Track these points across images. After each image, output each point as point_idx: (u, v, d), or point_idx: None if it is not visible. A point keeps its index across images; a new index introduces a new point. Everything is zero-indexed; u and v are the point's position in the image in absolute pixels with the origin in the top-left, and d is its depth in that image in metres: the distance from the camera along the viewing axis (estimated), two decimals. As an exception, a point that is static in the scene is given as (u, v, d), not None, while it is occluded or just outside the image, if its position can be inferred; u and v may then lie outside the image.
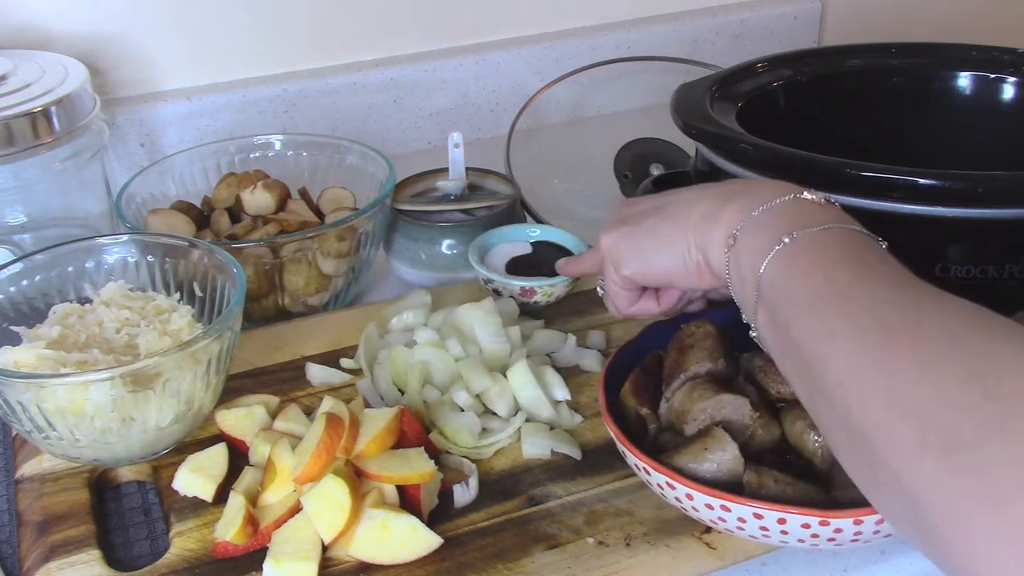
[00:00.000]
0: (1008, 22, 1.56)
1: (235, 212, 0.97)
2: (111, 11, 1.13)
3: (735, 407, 0.65)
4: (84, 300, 0.81)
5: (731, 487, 0.62)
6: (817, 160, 0.74)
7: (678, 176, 0.91)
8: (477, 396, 0.78)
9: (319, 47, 1.25)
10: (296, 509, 0.67)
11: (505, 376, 0.79)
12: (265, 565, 0.64)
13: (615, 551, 0.66)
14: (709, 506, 0.61)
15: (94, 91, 0.99)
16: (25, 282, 0.80)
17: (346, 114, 1.27)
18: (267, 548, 0.65)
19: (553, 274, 0.88)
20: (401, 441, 0.71)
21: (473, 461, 0.74)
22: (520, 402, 0.78)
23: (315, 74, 1.25)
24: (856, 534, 0.60)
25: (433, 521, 0.68)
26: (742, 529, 0.62)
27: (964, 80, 0.93)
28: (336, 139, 1.05)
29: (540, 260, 0.93)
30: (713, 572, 0.65)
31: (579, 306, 0.93)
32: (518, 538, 0.68)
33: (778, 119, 0.90)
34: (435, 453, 0.73)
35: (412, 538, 0.65)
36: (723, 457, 0.63)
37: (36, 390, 0.67)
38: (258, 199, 0.96)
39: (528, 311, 0.90)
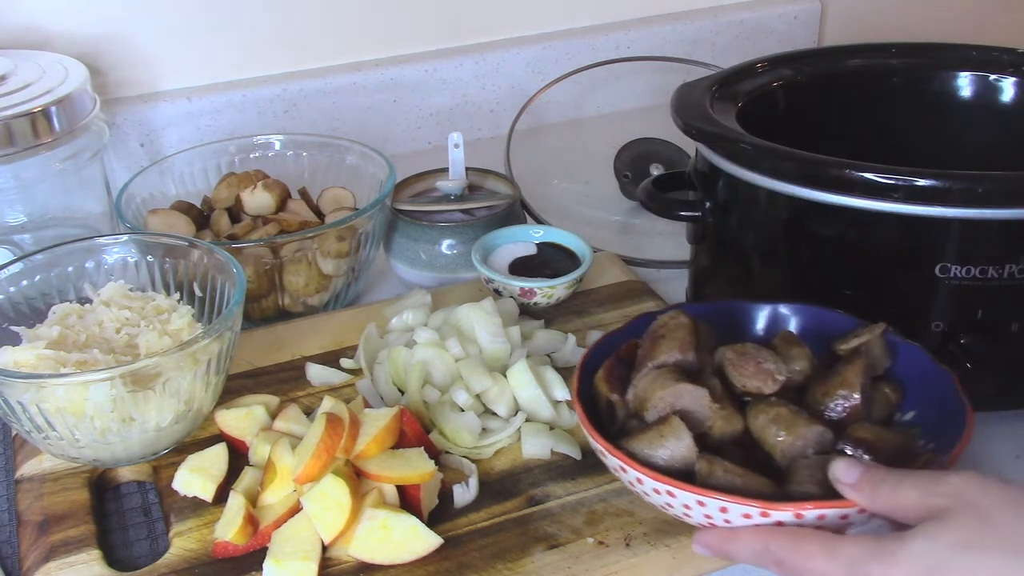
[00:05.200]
0: (1008, 22, 1.56)
1: (235, 212, 0.97)
2: (111, 11, 1.13)
3: (694, 397, 0.66)
4: (84, 300, 0.81)
5: (684, 475, 0.63)
6: (817, 160, 0.74)
7: (678, 176, 0.91)
8: (477, 396, 0.78)
9: (319, 47, 1.25)
10: (296, 509, 0.67)
11: (505, 376, 0.79)
12: (265, 565, 0.64)
13: (615, 551, 0.66)
14: (657, 491, 0.62)
15: (94, 91, 0.99)
16: (25, 282, 0.80)
17: (346, 114, 1.27)
18: (267, 548, 0.65)
19: (555, 275, 0.88)
20: (401, 441, 0.71)
21: (473, 461, 0.74)
22: (520, 402, 0.78)
23: (315, 74, 1.25)
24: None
25: (433, 521, 0.68)
26: (689, 516, 0.62)
27: (964, 80, 0.93)
28: (336, 139, 1.05)
29: (544, 261, 0.93)
30: (713, 572, 0.65)
31: (579, 306, 0.93)
32: (518, 538, 0.68)
33: (778, 119, 0.89)
34: (435, 453, 0.73)
35: (412, 538, 0.65)
36: (677, 445, 0.64)
37: (36, 390, 0.67)
38: (258, 199, 0.96)
39: (529, 312, 0.90)
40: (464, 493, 0.71)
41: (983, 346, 0.73)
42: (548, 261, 0.92)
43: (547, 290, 0.88)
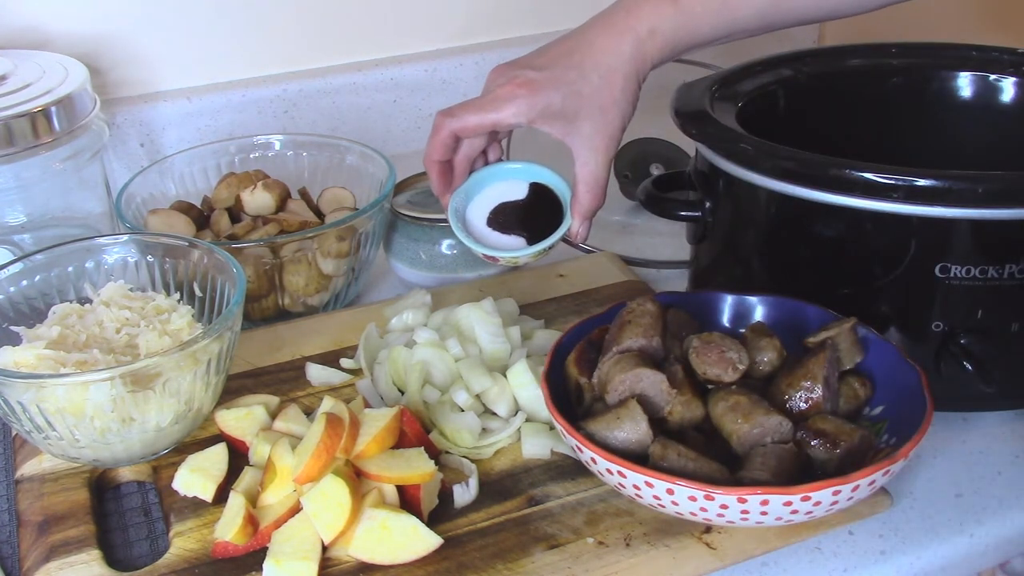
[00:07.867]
0: (1008, 22, 1.56)
1: (235, 212, 0.97)
2: (111, 11, 1.13)
3: (652, 382, 0.68)
4: (84, 300, 0.81)
5: (640, 457, 0.65)
6: (817, 160, 0.74)
7: (678, 176, 0.91)
8: (477, 396, 0.78)
9: (319, 47, 1.25)
10: (296, 509, 0.67)
11: (505, 376, 0.79)
12: (265, 565, 0.64)
13: (615, 551, 0.66)
14: (609, 471, 0.64)
15: (94, 91, 0.99)
16: (25, 282, 0.80)
17: (346, 114, 1.27)
18: (267, 548, 0.65)
19: (531, 231, 0.82)
20: (401, 441, 0.71)
21: (473, 461, 0.74)
22: (520, 402, 0.78)
23: (315, 74, 1.25)
24: (743, 512, 0.61)
25: (433, 521, 0.68)
26: (640, 497, 0.64)
27: (964, 80, 0.93)
28: (336, 139, 1.05)
29: (524, 213, 0.84)
30: (713, 572, 0.65)
31: (579, 306, 0.93)
32: (518, 538, 0.68)
33: (778, 119, 0.89)
34: (435, 453, 0.73)
35: (412, 538, 0.65)
36: (633, 428, 0.65)
37: (36, 390, 0.67)
38: (258, 199, 0.96)
39: (526, 312, 0.90)
40: (464, 493, 0.71)
41: (983, 346, 0.73)
42: (527, 214, 0.84)
43: (510, 259, 0.83)
